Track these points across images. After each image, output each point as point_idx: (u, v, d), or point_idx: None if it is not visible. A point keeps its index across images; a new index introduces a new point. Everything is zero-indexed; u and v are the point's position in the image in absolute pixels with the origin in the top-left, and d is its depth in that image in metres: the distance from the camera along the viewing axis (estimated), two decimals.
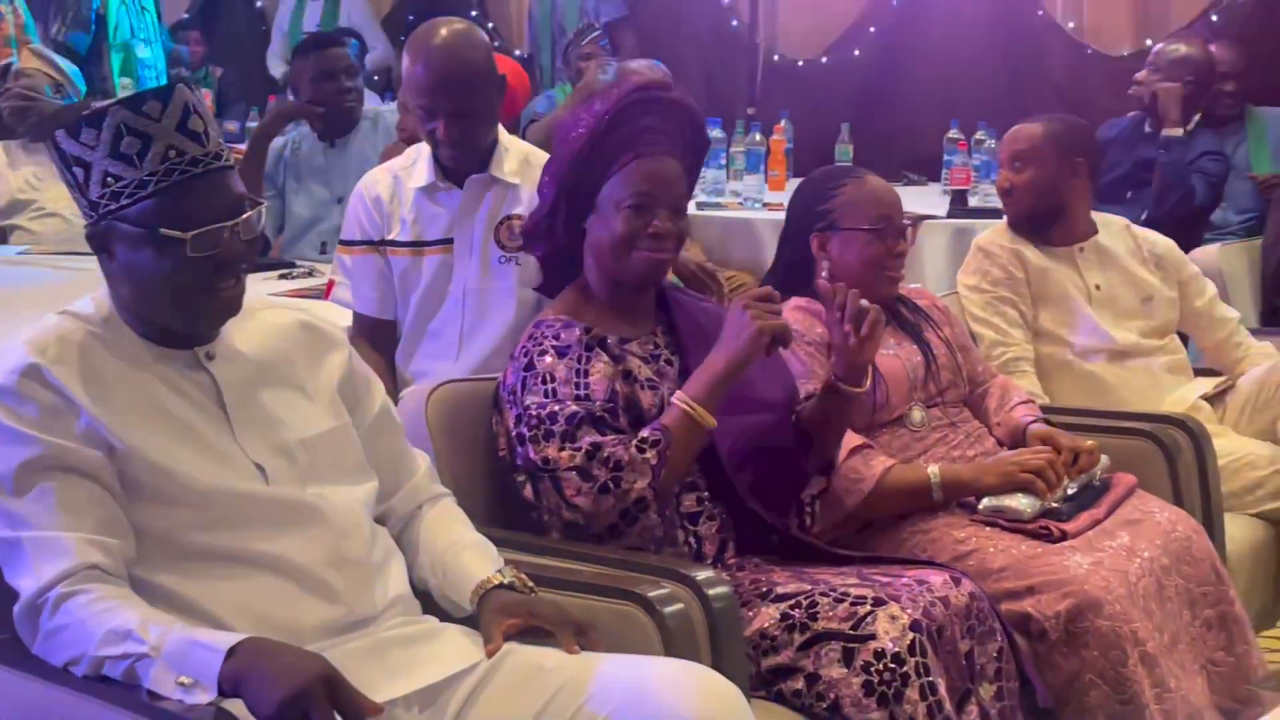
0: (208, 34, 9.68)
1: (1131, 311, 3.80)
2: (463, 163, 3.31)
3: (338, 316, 3.25)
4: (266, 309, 2.34)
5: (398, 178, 3.40)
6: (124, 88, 7.17)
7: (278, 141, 4.99)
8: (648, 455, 2.55)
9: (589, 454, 2.55)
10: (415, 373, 3.37)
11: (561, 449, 2.56)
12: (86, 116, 2.12)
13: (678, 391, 2.62)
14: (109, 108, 2.11)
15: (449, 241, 3.34)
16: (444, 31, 3.27)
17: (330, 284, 3.55)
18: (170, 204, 2.08)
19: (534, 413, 2.60)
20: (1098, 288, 3.78)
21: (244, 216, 2.13)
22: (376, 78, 8.20)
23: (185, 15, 9.89)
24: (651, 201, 2.69)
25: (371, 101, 6.08)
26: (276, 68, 8.33)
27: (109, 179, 2.09)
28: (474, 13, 8.67)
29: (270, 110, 5.68)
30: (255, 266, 2.47)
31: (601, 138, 2.71)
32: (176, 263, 2.09)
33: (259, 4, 9.66)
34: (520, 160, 3.34)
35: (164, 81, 6.73)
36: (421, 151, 3.37)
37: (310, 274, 4.28)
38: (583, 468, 2.55)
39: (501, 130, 3.36)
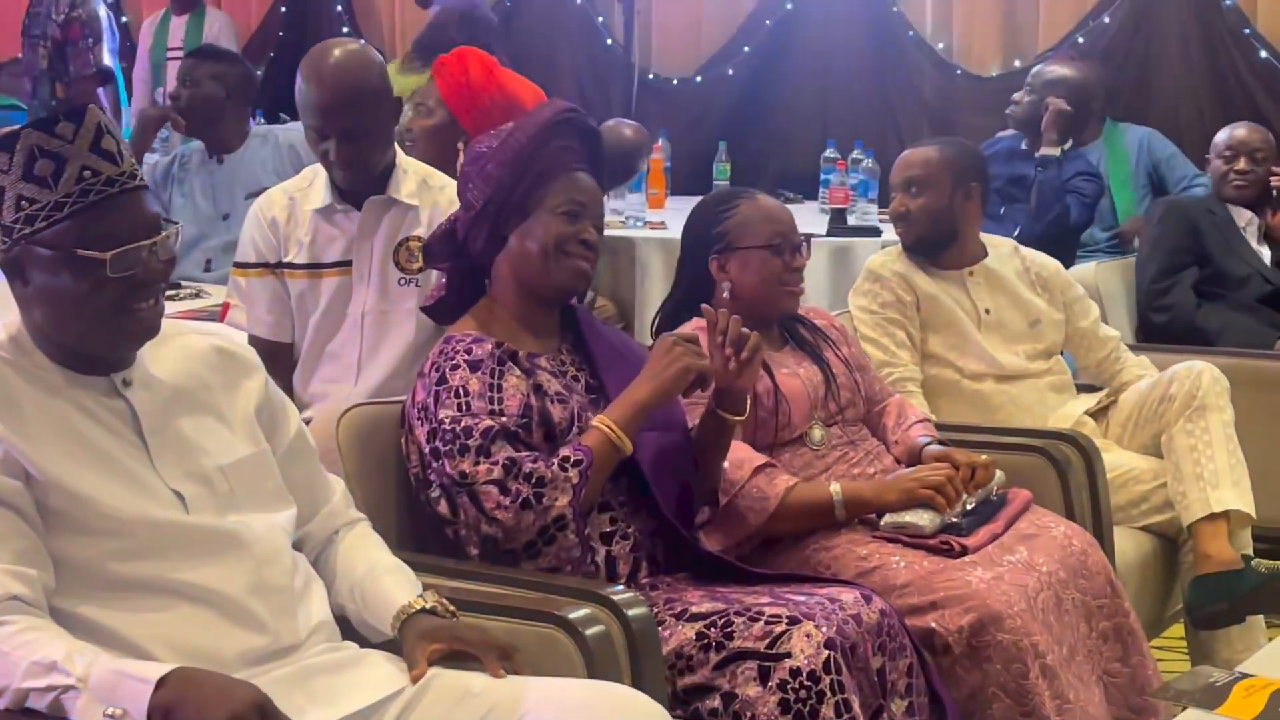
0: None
1: (1019, 335, 3.87)
2: (358, 184, 3.29)
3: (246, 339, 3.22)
4: (181, 334, 2.31)
5: (294, 199, 3.36)
6: None
7: (162, 159, 4.92)
8: (570, 474, 2.57)
9: (506, 468, 2.56)
10: (313, 395, 3.34)
11: (477, 463, 2.57)
12: None
13: (600, 415, 2.65)
14: (20, 130, 2.08)
15: (347, 264, 3.32)
16: (336, 52, 3.25)
17: (226, 306, 3.51)
18: (87, 225, 2.06)
19: (448, 427, 2.60)
20: (987, 312, 3.85)
21: (162, 235, 2.12)
22: None
23: None
24: (583, 211, 2.76)
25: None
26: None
27: (23, 202, 2.07)
28: (345, 29, 8.60)
29: (138, 122, 5.59)
30: None
31: (538, 150, 2.75)
32: (95, 284, 2.06)
33: (124, 19, 9.51)
34: (419, 182, 3.32)
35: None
36: (318, 172, 3.34)
37: (198, 294, 4.21)
38: (500, 481, 2.56)
39: (399, 152, 3.35)
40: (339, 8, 8.61)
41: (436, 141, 3.96)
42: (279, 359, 3.35)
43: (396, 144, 3.36)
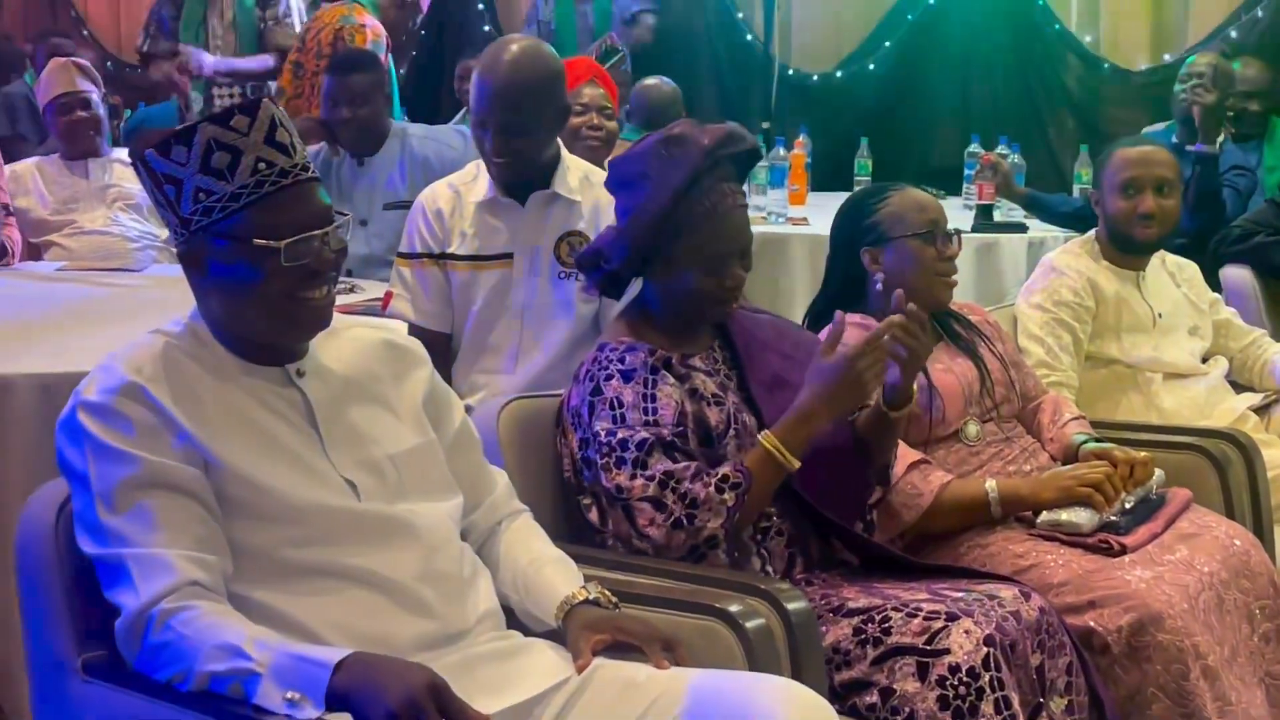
0: None
1: (1186, 334, 3.86)
2: (516, 178, 3.33)
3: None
4: (350, 327, 2.36)
5: (458, 191, 3.42)
6: None
7: (311, 152, 4.96)
8: (725, 497, 2.55)
9: (662, 483, 2.55)
10: (472, 386, 3.39)
11: (634, 477, 2.57)
12: (176, 134, 2.14)
13: (765, 431, 2.63)
14: (198, 125, 2.13)
15: (508, 256, 3.37)
16: (513, 48, 3.30)
17: (388, 295, 3.57)
18: (262, 215, 2.11)
19: (604, 439, 2.60)
20: (1160, 315, 3.83)
21: (333, 226, 2.16)
22: None
23: None
24: (729, 259, 2.71)
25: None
26: None
27: (201, 194, 2.12)
28: (486, 27, 8.68)
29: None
30: None
31: (677, 204, 2.68)
32: (270, 272, 2.11)
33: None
34: (581, 177, 3.36)
35: None
36: (483, 166, 3.39)
37: (352, 290, 4.27)
38: (656, 498, 2.55)
39: (563, 148, 3.39)
40: (480, 5, 8.67)
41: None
42: (439, 348, 3.40)
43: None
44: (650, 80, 6.27)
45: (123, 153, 5.30)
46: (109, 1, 10.21)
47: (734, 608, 2.35)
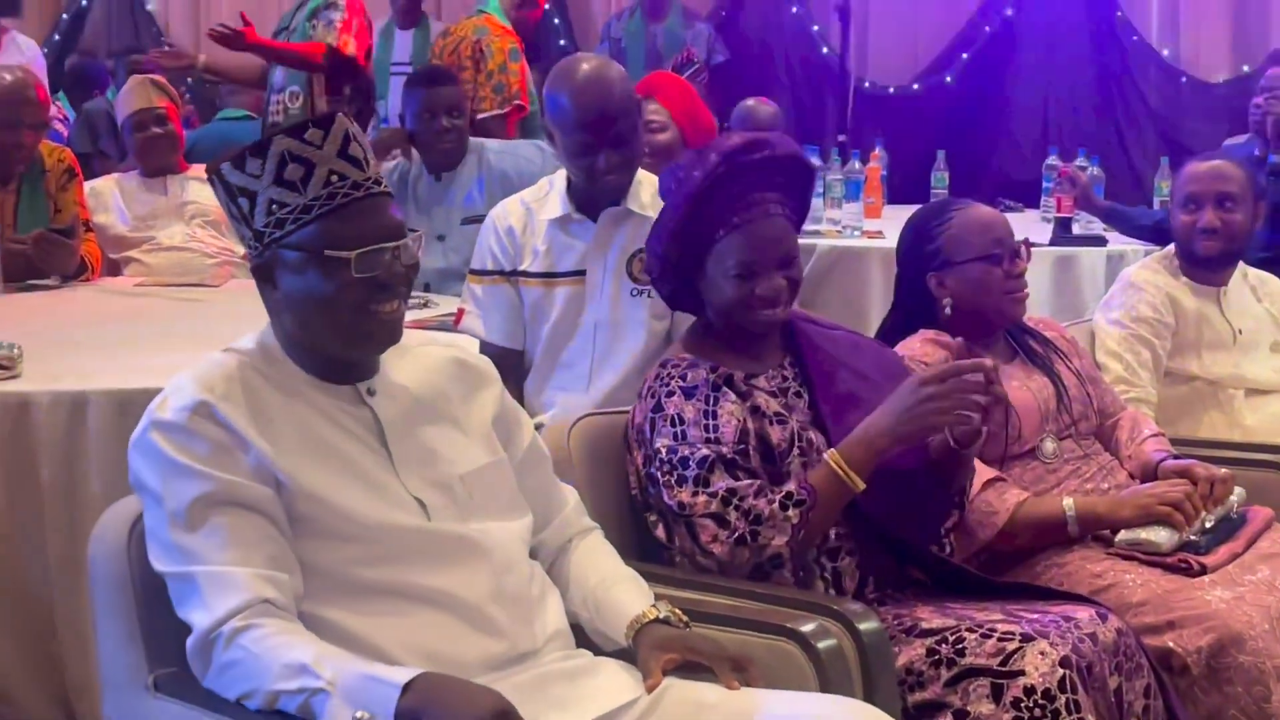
0: None
1: (1268, 351, 3.82)
2: (599, 195, 3.32)
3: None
4: (421, 345, 2.36)
5: (530, 209, 3.42)
6: None
7: (387, 167, 4.99)
8: (790, 514, 2.53)
9: (725, 500, 2.54)
10: (545, 404, 3.39)
11: (695, 494, 2.55)
12: (251, 148, 2.16)
13: (831, 450, 2.60)
14: (272, 137, 2.15)
15: (581, 274, 3.36)
16: (586, 66, 3.31)
17: (460, 312, 3.57)
18: (334, 226, 2.12)
19: (665, 456, 2.59)
20: (1240, 332, 3.79)
21: (404, 240, 2.16)
22: None
23: None
24: (756, 267, 2.67)
25: None
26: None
27: (274, 206, 2.13)
28: (562, 41, 8.71)
29: (375, 141, 5.70)
30: None
31: (695, 213, 2.67)
32: (341, 284, 2.12)
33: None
34: (653, 194, 3.35)
35: None
36: (555, 183, 3.39)
37: (425, 304, 4.29)
38: (719, 514, 2.54)
39: None
40: (556, 20, 8.71)
41: (667, 157, 4.01)
42: (510, 366, 3.41)
43: None
44: (751, 101, 6.37)
45: (200, 169, 5.35)
46: (190, 17, 10.31)
47: (806, 628, 2.33)
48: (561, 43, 8.71)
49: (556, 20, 8.74)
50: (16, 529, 3.22)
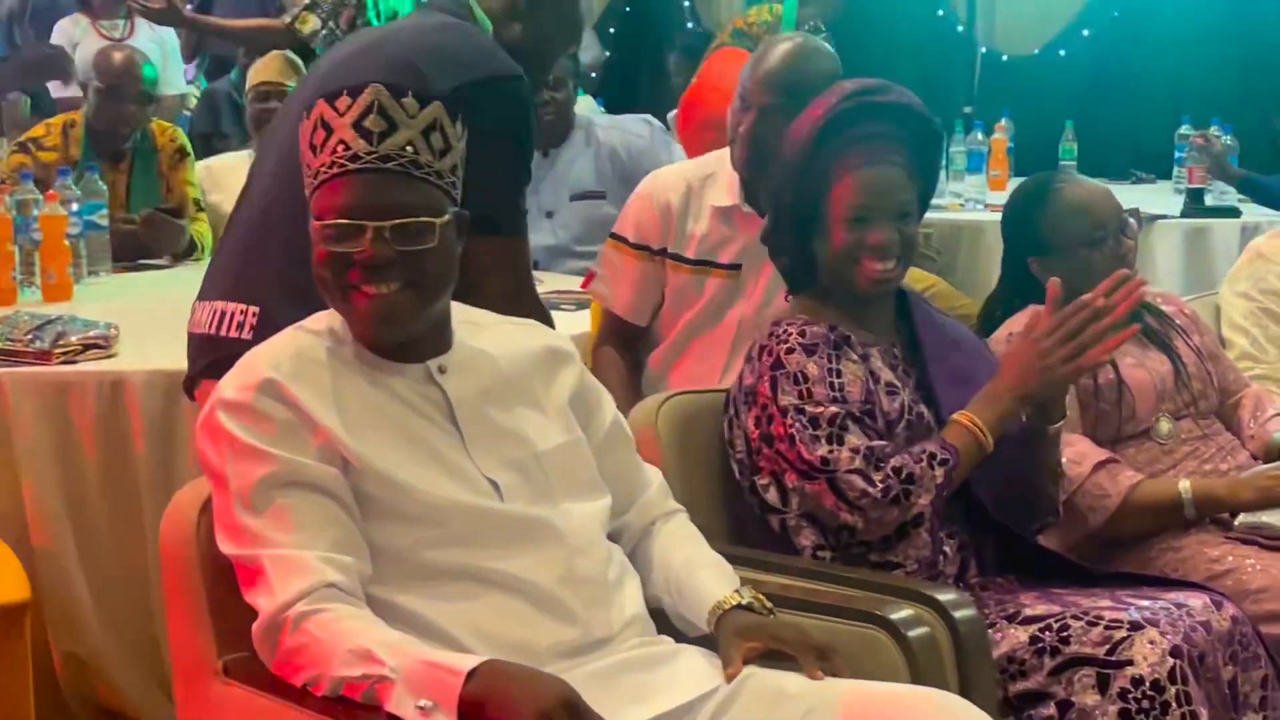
0: None
1: None
2: (756, 170, 3.18)
3: (565, 329, 3.20)
4: (497, 324, 2.29)
5: (691, 187, 3.29)
6: None
7: None
8: (936, 473, 2.48)
9: (867, 457, 2.48)
10: (670, 388, 3.28)
11: (836, 451, 2.48)
12: (308, 110, 2.15)
13: (963, 412, 2.54)
14: (318, 100, 2.13)
15: (737, 268, 3.25)
16: (799, 38, 3.26)
17: (590, 274, 3.49)
18: (324, 195, 2.09)
19: (793, 414, 2.52)
20: None
21: (396, 221, 2.06)
22: (594, 75, 8.14)
23: None
24: (869, 214, 2.59)
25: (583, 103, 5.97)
26: None
27: (307, 170, 2.14)
28: (690, 23, 8.63)
29: None
30: None
31: (813, 154, 2.61)
32: (322, 255, 2.09)
33: None
34: None
35: None
36: (723, 163, 3.27)
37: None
38: (863, 471, 2.47)
39: None
40: (687, 2, 8.61)
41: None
42: (626, 338, 3.32)
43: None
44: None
45: None
46: None
47: (896, 615, 2.24)
48: (690, 25, 8.61)
49: (687, 2, 8.65)
50: (113, 509, 3.22)
